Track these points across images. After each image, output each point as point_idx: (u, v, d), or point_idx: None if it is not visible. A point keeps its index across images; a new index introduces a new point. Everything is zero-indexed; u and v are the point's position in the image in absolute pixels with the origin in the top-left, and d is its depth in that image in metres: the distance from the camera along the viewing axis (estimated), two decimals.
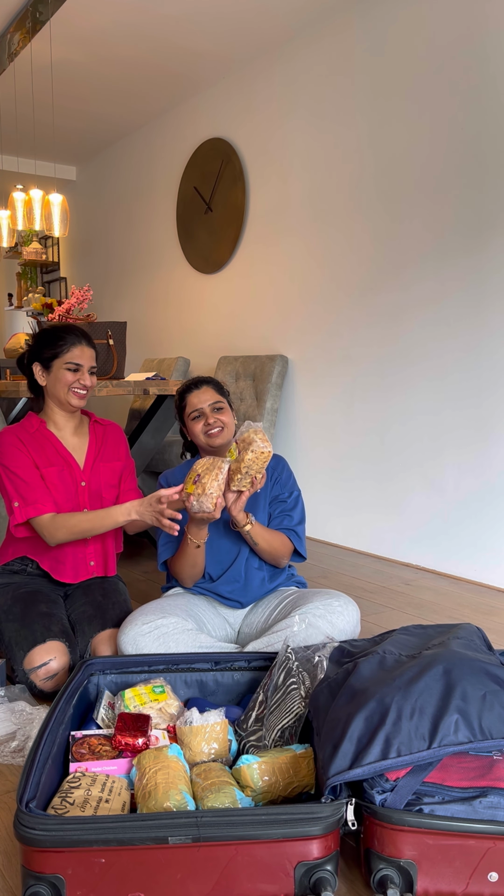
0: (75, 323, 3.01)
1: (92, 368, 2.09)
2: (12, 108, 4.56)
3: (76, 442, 2.14)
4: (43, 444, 2.08)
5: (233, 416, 2.07)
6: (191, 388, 2.05)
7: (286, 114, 3.77)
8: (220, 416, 2.01)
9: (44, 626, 1.89)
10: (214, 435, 2.00)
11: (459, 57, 2.87)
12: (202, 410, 2.01)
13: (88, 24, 3.56)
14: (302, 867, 1.14)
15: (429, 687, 1.27)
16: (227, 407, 2.06)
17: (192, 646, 1.82)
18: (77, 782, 1.29)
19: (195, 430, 2.02)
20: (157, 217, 4.94)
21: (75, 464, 2.09)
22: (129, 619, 1.87)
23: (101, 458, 2.14)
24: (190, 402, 2.03)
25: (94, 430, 2.20)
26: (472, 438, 2.93)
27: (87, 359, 2.07)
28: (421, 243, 3.09)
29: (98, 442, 2.17)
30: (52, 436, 2.10)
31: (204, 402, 2.01)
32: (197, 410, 2.01)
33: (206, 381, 2.07)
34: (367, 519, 3.44)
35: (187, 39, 3.72)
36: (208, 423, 2.00)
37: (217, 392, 2.04)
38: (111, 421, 2.27)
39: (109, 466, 2.15)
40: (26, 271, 6.61)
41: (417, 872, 1.16)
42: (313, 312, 3.68)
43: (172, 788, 1.24)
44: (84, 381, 2.06)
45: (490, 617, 2.55)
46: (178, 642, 1.81)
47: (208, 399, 2.02)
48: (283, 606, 1.95)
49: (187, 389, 2.05)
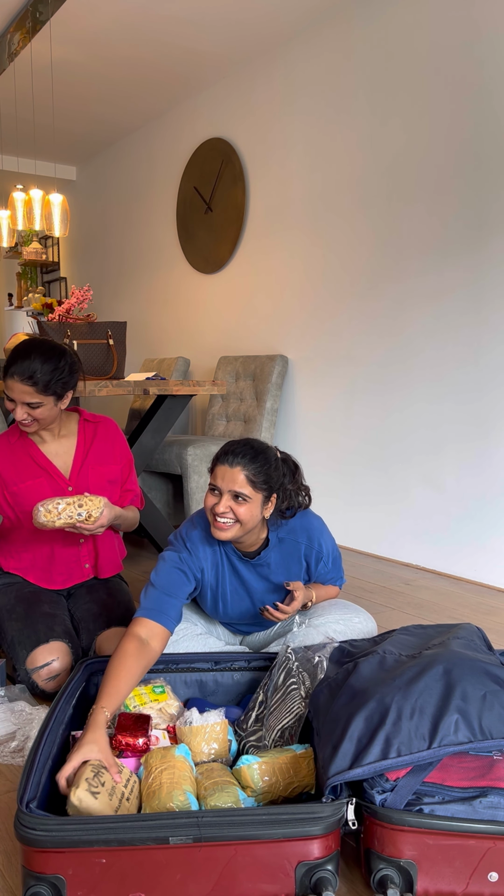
0: (75, 323, 3.01)
1: (31, 404, 1.88)
2: (12, 108, 4.56)
3: (61, 447, 2.04)
4: (20, 455, 2.00)
5: (262, 511, 1.67)
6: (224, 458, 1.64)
7: (286, 113, 3.77)
8: (238, 507, 1.62)
9: (47, 626, 1.89)
10: (220, 527, 1.64)
11: (459, 56, 2.87)
12: (219, 490, 1.64)
13: (88, 24, 3.56)
14: (303, 867, 1.14)
15: (429, 687, 1.27)
16: (256, 500, 1.63)
17: (200, 650, 1.82)
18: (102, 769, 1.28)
19: (206, 502, 1.66)
20: (157, 217, 4.94)
21: (56, 472, 2.01)
22: None
23: (89, 461, 2.04)
24: (215, 471, 1.66)
25: (84, 429, 2.08)
26: (473, 438, 2.93)
27: (17, 394, 1.87)
28: (421, 243, 3.09)
29: (86, 444, 2.06)
30: (33, 446, 2.02)
31: (226, 484, 1.62)
32: (216, 488, 1.65)
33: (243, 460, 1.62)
34: (366, 519, 3.44)
35: (187, 39, 3.72)
36: (217, 511, 1.63)
37: (250, 480, 1.62)
38: (104, 417, 2.14)
39: (98, 471, 2.05)
40: (26, 271, 6.61)
41: (417, 872, 1.16)
42: (313, 312, 3.68)
43: (176, 789, 1.24)
44: (16, 414, 1.89)
45: (490, 617, 2.55)
46: (188, 649, 1.81)
47: (231, 485, 1.61)
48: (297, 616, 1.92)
49: (222, 455, 1.65)
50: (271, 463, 1.66)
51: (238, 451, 1.63)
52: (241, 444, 1.66)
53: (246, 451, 1.64)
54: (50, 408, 1.93)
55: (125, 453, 2.14)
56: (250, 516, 1.63)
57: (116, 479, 2.10)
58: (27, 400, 1.88)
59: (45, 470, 2.00)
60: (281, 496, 1.73)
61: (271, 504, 1.69)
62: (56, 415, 1.98)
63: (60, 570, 2.07)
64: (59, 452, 2.04)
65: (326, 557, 1.83)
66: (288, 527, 1.79)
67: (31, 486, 1.98)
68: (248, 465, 1.62)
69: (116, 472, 2.10)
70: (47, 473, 2.00)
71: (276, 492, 1.69)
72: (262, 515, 1.68)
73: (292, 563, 1.81)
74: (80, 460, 2.04)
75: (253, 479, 1.62)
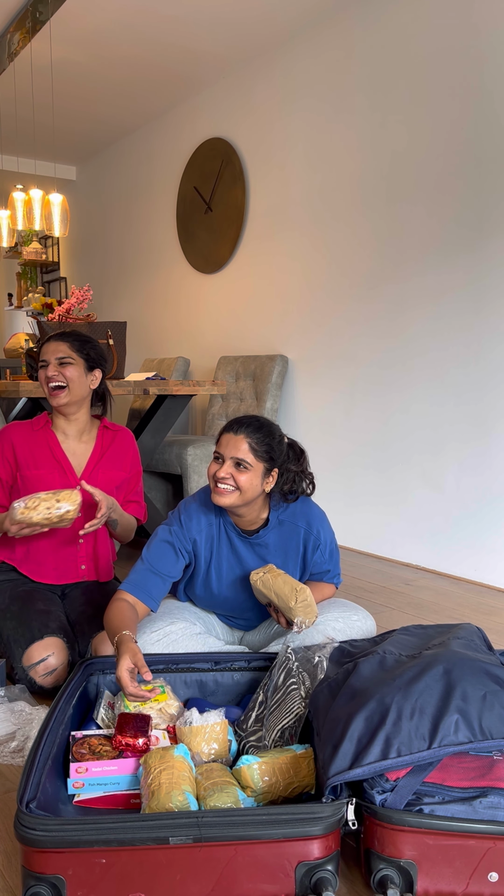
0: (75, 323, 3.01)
1: (61, 359, 2.01)
2: (12, 108, 4.56)
3: (80, 447, 2.11)
4: (41, 444, 2.07)
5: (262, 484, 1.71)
6: (230, 427, 1.70)
7: (286, 113, 3.77)
8: (239, 474, 1.67)
9: (41, 622, 1.90)
10: (220, 492, 1.69)
11: (459, 56, 2.87)
12: (222, 458, 1.70)
13: (88, 24, 3.56)
14: (303, 867, 1.14)
15: (429, 687, 1.27)
16: (256, 470, 1.68)
17: (200, 650, 1.82)
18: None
19: (209, 469, 1.73)
20: (157, 217, 4.94)
21: (70, 468, 2.06)
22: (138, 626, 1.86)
23: (101, 465, 2.10)
24: (220, 440, 1.72)
25: (103, 435, 2.15)
26: (473, 438, 2.93)
27: (51, 352, 2.01)
28: (421, 242, 3.09)
29: (103, 448, 2.13)
30: (53, 437, 2.08)
31: (229, 451, 1.68)
32: (220, 455, 1.71)
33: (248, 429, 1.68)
34: (367, 519, 3.44)
35: (187, 39, 3.72)
36: (218, 476, 1.68)
37: (252, 448, 1.67)
38: (123, 427, 2.20)
39: (108, 475, 2.10)
40: (26, 271, 6.61)
41: (417, 872, 1.16)
42: (313, 312, 3.68)
43: (175, 789, 1.24)
44: (49, 372, 2.00)
45: (490, 617, 2.55)
46: (188, 648, 1.81)
47: (234, 452, 1.67)
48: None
49: (228, 425, 1.72)
50: (275, 437, 1.71)
51: (244, 422, 1.70)
52: (248, 416, 1.72)
53: (251, 421, 1.70)
54: (80, 374, 2.02)
55: (135, 465, 2.20)
56: (250, 485, 1.67)
57: (120, 486, 2.14)
58: (60, 354, 2.00)
59: (60, 463, 2.06)
60: (284, 477, 1.76)
61: (272, 478, 1.72)
62: (84, 393, 2.05)
63: (55, 565, 2.09)
64: (77, 452, 2.11)
65: (324, 546, 1.85)
66: (289, 510, 1.81)
67: (42, 475, 2.03)
68: (251, 434, 1.68)
69: (122, 479, 2.14)
70: (60, 467, 2.06)
71: (277, 467, 1.73)
72: (263, 489, 1.71)
73: (290, 546, 1.83)
74: (93, 462, 2.10)
75: (255, 447, 1.67)
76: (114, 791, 1.41)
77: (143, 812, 1.23)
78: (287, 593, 1.66)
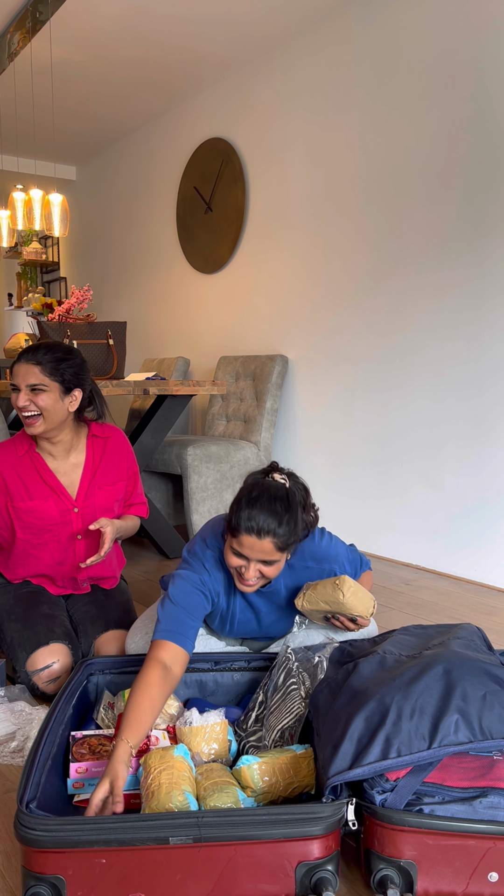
0: (75, 323, 3.01)
1: (33, 386, 1.81)
2: (12, 108, 4.56)
3: (69, 464, 1.98)
4: (28, 470, 1.94)
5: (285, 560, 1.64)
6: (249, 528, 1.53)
7: (286, 113, 3.77)
8: (266, 569, 1.59)
9: (47, 627, 1.88)
10: (248, 584, 1.62)
11: (459, 54, 2.87)
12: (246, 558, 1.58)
13: (88, 24, 3.56)
14: (303, 867, 1.14)
15: (429, 687, 1.27)
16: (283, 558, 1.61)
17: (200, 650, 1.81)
18: None
19: (229, 560, 1.60)
20: (157, 217, 4.94)
21: (64, 493, 1.95)
22: (138, 626, 1.85)
23: (97, 482, 1.99)
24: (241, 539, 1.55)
25: (93, 445, 2.01)
26: (473, 437, 2.93)
27: (21, 376, 1.81)
28: (421, 241, 3.09)
29: (95, 461, 2.00)
30: (40, 461, 1.94)
31: (255, 554, 1.56)
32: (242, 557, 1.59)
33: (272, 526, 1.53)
34: (367, 519, 3.44)
35: (187, 39, 3.72)
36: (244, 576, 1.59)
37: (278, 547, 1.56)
38: (113, 428, 2.06)
39: (105, 491, 2.00)
40: (26, 271, 6.61)
41: (417, 872, 1.16)
42: (313, 312, 3.68)
43: (175, 789, 1.24)
44: (18, 400, 1.81)
45: (490, 617, 2.55)
46: None
47: (259, 555, 1.56)
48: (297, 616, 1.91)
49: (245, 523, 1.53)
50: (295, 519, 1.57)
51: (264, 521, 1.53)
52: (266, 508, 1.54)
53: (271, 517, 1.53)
54: (55, 399, 1.84)
55: (131, 466, 2.09)
56: (277, 571, 1.61)
57: (122, 496, 2.07)
58: (31, 381, 1.81)
59: (53, 489, 1.95)
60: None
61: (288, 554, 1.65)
62: (61, 417, 1.88)
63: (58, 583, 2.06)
64: (67, 471, 1.98)
65: (341, 568, 1.77)
66: (298, 553, 1.72)
67: (37, 506, 1.93)
68: (276, 531, 1.54)
69: (122, 490, 2.06)
70: (55, 494, 1.95)
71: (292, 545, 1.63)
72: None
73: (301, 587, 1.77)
74: (87, 480, 1.99)
75: (281, 545, 1.56)
76: None
77: (143, 812, 1.23)
78: (332, 592, 1.61)
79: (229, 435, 3.89)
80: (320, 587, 1.63)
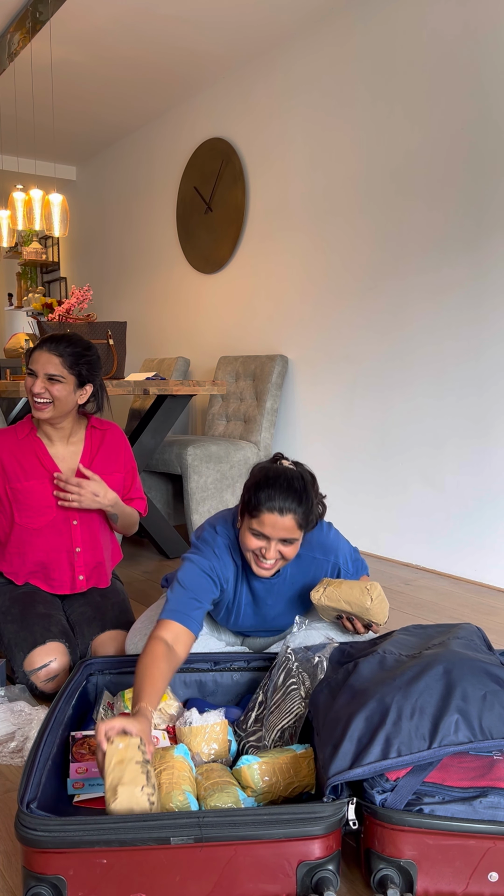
0: (75, 323, 3.01)
1: (51, 376, 1.89)
2: (12, 108, 4.56)
3: (68, 451, 2.04)
4: (27, 453, 1.99)
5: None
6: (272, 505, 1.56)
7: (286, 113, 3.77)
8: (286, 549, 1.62)
9: (43, 626, 1.88)
10: (265, 567, 1.64)
11: (459, 54, 2.87)
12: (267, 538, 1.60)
13: (88, 24, 3.56)
14: (304, 867, 1.14)
15: (429, 687, 1.27)
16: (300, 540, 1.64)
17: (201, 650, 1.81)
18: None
19: (248, 543, 1.62)
20: (157, 217, 4.94)
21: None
22: (138, 628, 1.85)
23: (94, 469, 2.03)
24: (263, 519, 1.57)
25: (91, 436, 2.08)
26: (473, 437, 2.94)
27: (41, 364, 1.89)
28: (421, 240, 3.09)
29: (92, 451, 2.06)
30: (40, 444, 2.01)
31: (276, 533, 1.58)
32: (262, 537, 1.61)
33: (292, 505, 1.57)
34: (367, 518, 3.44)
35: (187, 39, 3.72)
36: (264, 556, 1.61)
37: (299, 524, 1.59)
38: (111, 423, 2.14)
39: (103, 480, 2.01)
40: (26, 271, 6.61)
41: (417, 872, 1.16)
42: (313, 312, 3.68)
43: (175, 789, 1.24)
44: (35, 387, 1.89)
45: (490, 617, 2.55)
46: None
47: (282, 533, 1.58)
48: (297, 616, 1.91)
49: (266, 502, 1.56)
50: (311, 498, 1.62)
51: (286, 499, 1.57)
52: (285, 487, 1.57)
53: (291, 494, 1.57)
54: (68, 391, 1.93)
55: (129, 461, 2.14)
56: (295, 551, 1.64)
57: (118, 488, 2.09)
58: (50, 371, 1.89)
59: (49, 472, 1.99)
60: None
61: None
62: (70, 408, 1.97)
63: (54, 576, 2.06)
64: (66, 457, 2.04)
65: (345, 564, 1.81)
66: (306, 544, 1.74)
67: (33, 486, 1.97)
68: (296, 508, 1.58)
69: (119, 481, 2.09)
70: (50, 475, 1.99)
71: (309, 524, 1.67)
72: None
73: (308, 576, 1.79)
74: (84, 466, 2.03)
75: (301, 521, 1.60)
76: None
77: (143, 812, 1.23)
78: (359, 595, 1.64)
79: (229, 435, 3.89)
80: (346, 587, 1.65)
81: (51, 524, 2.00)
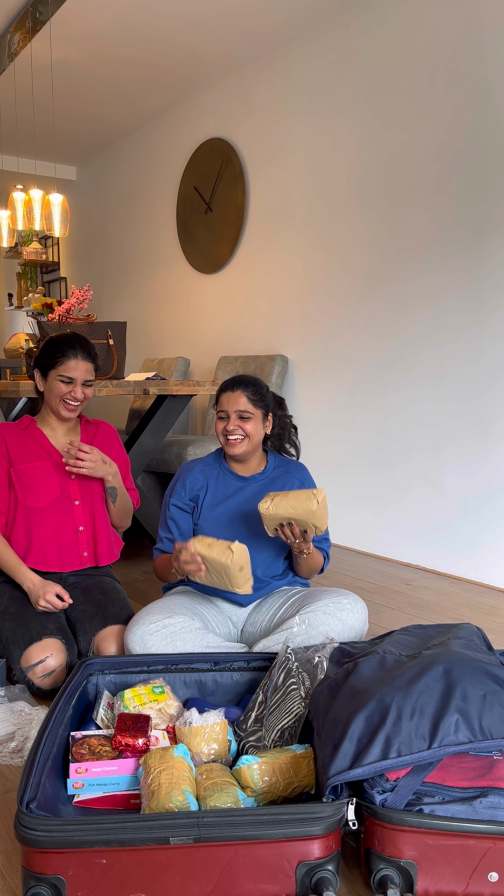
0: (75, 323, 3.01)
1: (87, 381, 2.10)
2: (12, 108, 4.56)
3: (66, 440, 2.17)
4: (30, 440, 2.14)
5: (264, 427, 2.01)
6: (226, 388, 1.99)
7: (286, 113, 3.77)
8: (244, 424, 1.95)
9: (40, 623, 1.90)
10: (232, 444, 1.96)
11: (459, 56, 2.87)
12: (227, 413, 1.96)
13: (88, 24, 3.56)
14: (303, 867, 1.14)
15: (429, 687, 1.27)
16: (258, 417, 1.98)
17: (199, 645, 1.82)
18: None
19: (217, 428, 1.99)
20: (157, 217, 4.94)
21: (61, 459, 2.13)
22: (137, 619, 1.87)
23: None
24: (220, 400, 1.99)
25: (86, 429, 2.25)
26: (472, 438, 2.93)
27: (81, 372, 2.08)
28: (421, 242, 3.09)
29: (88, 440, 2.22)
30: (41, 434, 2.16)
31: (231, 406, 1.95)
32: (223, 412, 1.97)
33: (244, 385, 1.98)
34: (366, 519, 3.44)
35: (187, 39, 3.72)
36: (227, 430, 1.96)
37: (250, 400, 1.96)
38: (102, 421, 2.30)
39: None
40: (26, 271, 6.61)
41: (417, 872, 1.16)
42: (313, 312, 3.68)
43: (175, 789, 1.24)
44: (75, 393, 2.09)
45: (490, 617, 2.55)
46: (186, 641, 1.81)
47: (236, 405, 1.95)
48: (289, 605, 1.94)
49: (223, 387, 2.00)
50: (263, 387, 2.02)
51: (235, 381, 1.99)
52: (239, 375, 2.03)
53: (243, 378, 2.00)
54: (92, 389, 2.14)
55: (121, 454, 2.28)
56: (255, 430, 1.97)
57: None
58: (88, 378, 2.09)
59: (51, 455, 2.13)
60: (275, 421, 2.10)
61: (269, 422, 2.03)
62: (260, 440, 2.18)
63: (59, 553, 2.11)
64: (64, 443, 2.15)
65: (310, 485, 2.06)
66: (288, 464, 2.10)
67: (37, 467, 2.10)
68: (246, 388, 1.97)
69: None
70: (53, 459, 2.12)
71: (270, 412, 2.03)
72: (264, 432, 2.01)
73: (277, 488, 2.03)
74: None
75: (252, 398, 1.96)
76: (114, 791, 1.41)
77: (143, 812, 1.23)
78: (305, 500, 1.76)
79: None
80: (292, 495, 1.79)
81: (54, 504, 2.10)
